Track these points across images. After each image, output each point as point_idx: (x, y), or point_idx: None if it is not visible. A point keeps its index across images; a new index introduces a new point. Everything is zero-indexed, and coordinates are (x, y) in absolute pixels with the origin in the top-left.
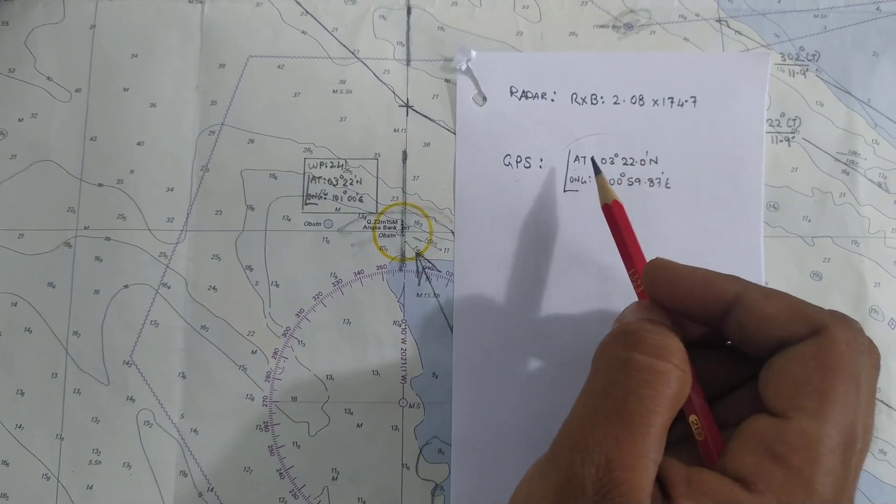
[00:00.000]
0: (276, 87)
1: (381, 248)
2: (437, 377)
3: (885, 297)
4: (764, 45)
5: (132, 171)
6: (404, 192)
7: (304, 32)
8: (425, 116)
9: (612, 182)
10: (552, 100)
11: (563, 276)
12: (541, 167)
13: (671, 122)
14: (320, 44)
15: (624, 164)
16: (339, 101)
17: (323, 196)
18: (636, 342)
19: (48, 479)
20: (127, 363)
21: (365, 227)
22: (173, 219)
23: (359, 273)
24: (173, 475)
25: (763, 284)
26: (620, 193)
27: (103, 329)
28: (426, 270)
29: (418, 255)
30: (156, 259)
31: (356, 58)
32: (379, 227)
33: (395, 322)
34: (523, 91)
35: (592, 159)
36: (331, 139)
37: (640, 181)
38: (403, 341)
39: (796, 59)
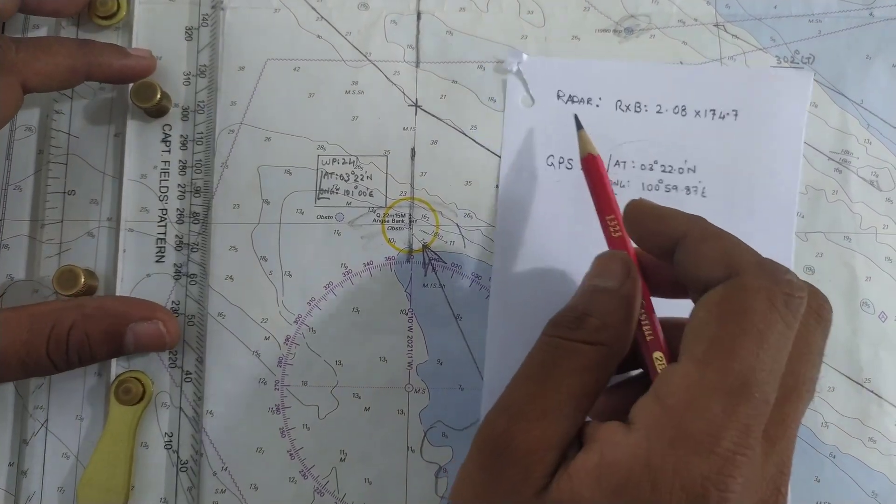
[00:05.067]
0: (292, 89)
1: (389, 241)
2: (441, 364)
3: (875, 291)
4: (760, 49)
5: (155, 167)
6: (412, 187)
7: (319, 37)
8: (433, 115)
9: (649, 188)
10: (597, 105)
11: None
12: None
13: (711, 134)
14: (334, 47)
15: (663, 171)
16: (352, 102)
17: (335, 191)
18: (557, 327)
19: (67, 457)
20: None
21: (374, 220)
22: (194, 212)
23: (368, 264)
24: (189, 454)
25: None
26: (658, 200)
27: None
28: (432, 262)
29: (425, 247)
30: (176, 250)
31: (368, 60)
32: (388, 221)
33: (401, 311)
34: (570, 95)
35: (576, 116)
36: (343, 137)
37: (677, 188)
38: (410, 329)
39: (792, 62)
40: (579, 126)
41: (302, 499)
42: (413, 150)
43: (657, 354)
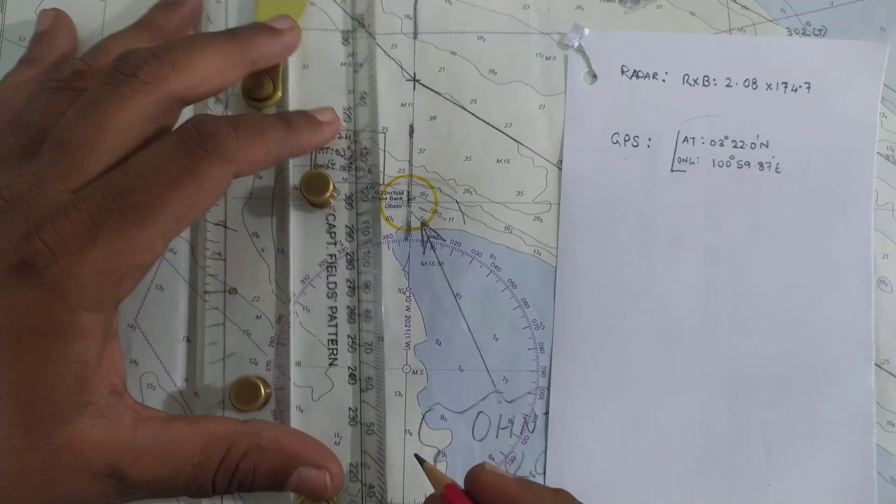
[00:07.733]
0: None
1: (387, 219)
2: (440, 344)
3: (894, 269)
4: (770, 20)
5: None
6: (410, 164)
7: (311, 3)
8: (432, 90)
9: (720, 164)
10: (663, 80)
11: (667, 256)
12: (649, 146)
13: (784, 108)
14: (330, 17)
15: (734, 146)
16: (348, 76)
17: (331, 167)
18: None
19: None
20: (131, 326)
21: (372, 197)
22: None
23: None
24: None
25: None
26: (730, 176)
27: None
28: (431, 239)
29: (423, 224)
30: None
31: (365, 31)
32: (385, 198)
33: (399, 290)
34: (634, 70)
35: (416, 455)
36: (339, 113)
37: (749, 164)
38: (408, 309)
39: (803, 34)
40: (422, 461)
41: None
42: (411, 126)
43: None
